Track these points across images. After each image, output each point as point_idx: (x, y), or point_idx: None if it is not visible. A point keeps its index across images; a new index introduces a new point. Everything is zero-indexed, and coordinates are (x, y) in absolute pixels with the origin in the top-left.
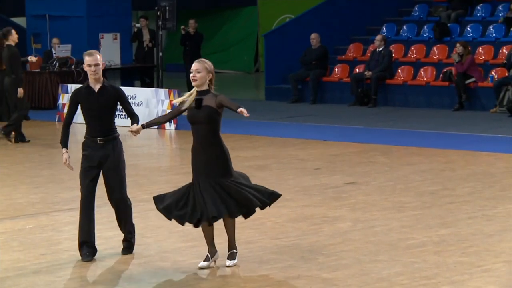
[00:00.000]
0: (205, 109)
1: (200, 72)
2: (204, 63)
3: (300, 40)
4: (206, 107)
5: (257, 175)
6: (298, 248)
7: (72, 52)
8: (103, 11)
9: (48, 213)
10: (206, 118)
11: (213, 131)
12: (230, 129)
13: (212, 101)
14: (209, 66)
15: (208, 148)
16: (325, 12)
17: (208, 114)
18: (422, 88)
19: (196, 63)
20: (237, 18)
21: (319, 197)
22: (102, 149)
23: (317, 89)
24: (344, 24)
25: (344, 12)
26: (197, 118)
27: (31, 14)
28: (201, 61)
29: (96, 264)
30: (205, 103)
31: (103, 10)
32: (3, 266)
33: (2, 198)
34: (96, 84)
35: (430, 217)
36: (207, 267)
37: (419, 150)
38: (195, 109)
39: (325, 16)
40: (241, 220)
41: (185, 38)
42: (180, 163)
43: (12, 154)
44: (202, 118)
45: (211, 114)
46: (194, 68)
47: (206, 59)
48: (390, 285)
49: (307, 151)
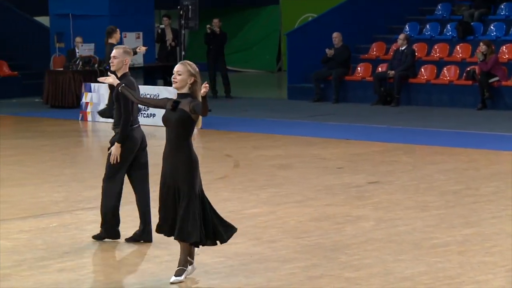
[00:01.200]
0: (178, 112)
1: (181, 74)
2: (187, 66)
3: (322, 39)
4: (180, 110)
5: (279, 174)
6: (321, 247)
7: (95, 51)
8: (125, 10)
9: (71, 212)
10: (178, 121)
11: (183, 136)
12: (253, 128)
13: (187, 106)
14: (193, 69)
15: (176, 152)
16: (347, 11)
17: (180, 117)
18: (445, 87)
19: (179, 65)
20: (259, 16)
21: (342, 196)
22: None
23: (340, 88)
24: (367, 23)
25: (366, 11)
26: (169, 121)
27: (54, 13)
28: (185, 63)
29: (121, 262)
30: (180, 106)
31: (126, 9)
32: (28, 264)
33: (26, 196)
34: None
35: (453, 217)
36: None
37: (442, 149)
38: (170, 111)
39: (348, 15)
40: (263, 219)
41: (209, 37)
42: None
43: (36, 153)
44: (174, 121)
45: (183, 118)
46: (176, 70)
47: (191, 62)
48: (413, 284)
49: (330, 150)
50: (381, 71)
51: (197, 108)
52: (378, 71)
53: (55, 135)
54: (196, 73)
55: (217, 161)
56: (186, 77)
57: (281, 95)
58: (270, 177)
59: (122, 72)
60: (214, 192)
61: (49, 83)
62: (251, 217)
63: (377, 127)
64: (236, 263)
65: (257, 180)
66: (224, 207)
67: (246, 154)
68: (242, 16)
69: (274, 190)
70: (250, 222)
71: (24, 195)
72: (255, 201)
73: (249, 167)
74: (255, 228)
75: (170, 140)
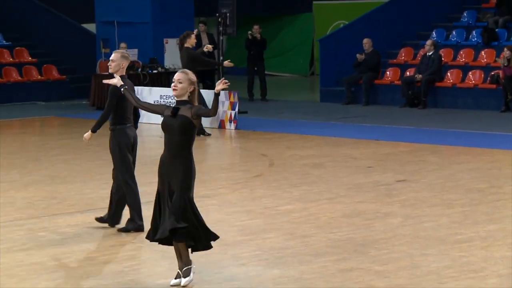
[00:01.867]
0: (179, 118)
1: (182, 83)
2: (188, 75)
3: (353, 45)
4: (181, 116)
5: (312, 173)
6: (352, 242)
7: (139, 56)
8: (167, 18)
9: None
10: (180, 127)
11: (184, 142)
12: (287, 129)
13: (188, 111)
14: (192, 78)
15: (176, 159)
16: (377, 18)
17: (181, 123)
18: (470, 90)
19: (179, 73)
20: (294, 24)
21: (372, 194)
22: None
23: (370, 91)
24: (396, 29)
25: (395, 17)
26: (170, 127)
27: (100, 21)
28: (185, 72)
29: (163, 254)
30: (181, 113)
31: (167, 17)
32: (75, 256)
33: (74, 193)
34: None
35: (477, 214)
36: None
37: (467, 150)
38: (170, 117)
39: (377, 22)
40: (297, 215)
41: (250, 43)
42: (240, 161)
43: (83, 153)
44: (175, 127)
45: (185, 123)
46: (176, 78)
47: (191, 71)
48: (439, 278)
49: (360, 150)
50: (409, 75)
51: (200, 111)
52: (406, 75)
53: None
54: (195, 82)
55: (253, 160)
56: (187, 85)
57: (314, 98)
58: (303, 176)
59: (119, 75)
60: (250, 189)
61: (95, 86)
62: (285, 213)
63: (405, 129)
64: (271, 256)
65: (291, 178)
66: (260, 203)
67: (281, 154)
68: (278, 23)
69: (307, 187)
70: (284, 218)
71: (72, 192)
72: (289, 198)
73: (284, 166)
74: (289, 224)
75: (170, 147)
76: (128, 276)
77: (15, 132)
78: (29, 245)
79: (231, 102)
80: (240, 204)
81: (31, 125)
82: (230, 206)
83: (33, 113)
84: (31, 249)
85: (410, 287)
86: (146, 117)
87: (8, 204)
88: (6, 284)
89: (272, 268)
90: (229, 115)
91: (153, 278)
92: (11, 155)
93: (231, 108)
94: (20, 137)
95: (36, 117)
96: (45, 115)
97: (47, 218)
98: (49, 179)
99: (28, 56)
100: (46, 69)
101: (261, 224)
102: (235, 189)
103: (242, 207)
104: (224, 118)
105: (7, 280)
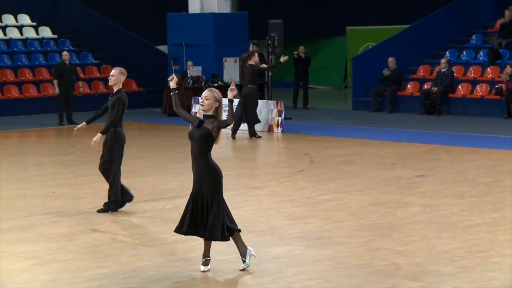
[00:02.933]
0: (202, 129)
1: (208, 99)
2: (214, 93)
3: (380, 62)
4: (203, 128)
5: (345, 169)
6: (378, 226)
7: (202, 72)
8: (226, 40)
9: (183, 197)
10: (200, 137)
11: (204, 150)
12: (325, 132)
13: (210, 124)
14: (218, 95)
15: (200, 164)
16: (400, 41)
17: (202, 134)
18: (478, 100)
19: (207, 91)
20: (330, 45)
21: (394, 186)
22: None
23: (393, 101)
24: (416, 50)
25: (415, 40)
26: (193, 137)
27: (171, 43)
28: (212, 90)
29: None
30: (204, 125)
31: (226, 39)
32: (150, 237)
33: (149, 184)
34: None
35: (484, 203)
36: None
37: (475, 150)
38: (195, 128)
39: (400, 44)
40: (332, 204)
41: (296, 61)
42: (285, 159)
43: (155, 151)
44: (197, 136)
45: (205, 134)
46: (204, 96)
47: (217, 89)
48: (451, 257)
49: (385, 150)
50: (426, 88)
51: (220, 124)
52: (424, 88)
53: (170, 137)
54: (220, 99)
55: (297, 158)
56: (212, 102)
57: (347, 106)
58: (338, 171)
59: (117, 88)
60: (294, 182)
61: (166, 97)
62: (323, 202)
63: (423, 132)
64: (311, 238)
65: (327, 173)
66: (302, 194)
67: (319, 153)
68: (317, 44)
69: (340, 181)
70: (322, 206)
71: (147, 184)
72: (326, 189)
73: (322, 163)
74: (326, 211)
75: (193, 152)
76: (193, 253)
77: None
78: (112, 227)
79: (278, 110)
80: (286, 194)
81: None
82: (277, 196)
83: None
84: (114, 231)
85: (427, 264)
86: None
87: (95, 193)
88: (94, 258)
89: (312, 248)
90: (277, 121)
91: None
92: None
93: (278, 115)
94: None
95: None
96: (125, 120)
97: (127, 205)
98: (129, 172)
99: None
100: (127, 83)
101: (303, 211)
102: (281, 182)
103: (287, 197)
104: (272, 123)
105: (94, 256)
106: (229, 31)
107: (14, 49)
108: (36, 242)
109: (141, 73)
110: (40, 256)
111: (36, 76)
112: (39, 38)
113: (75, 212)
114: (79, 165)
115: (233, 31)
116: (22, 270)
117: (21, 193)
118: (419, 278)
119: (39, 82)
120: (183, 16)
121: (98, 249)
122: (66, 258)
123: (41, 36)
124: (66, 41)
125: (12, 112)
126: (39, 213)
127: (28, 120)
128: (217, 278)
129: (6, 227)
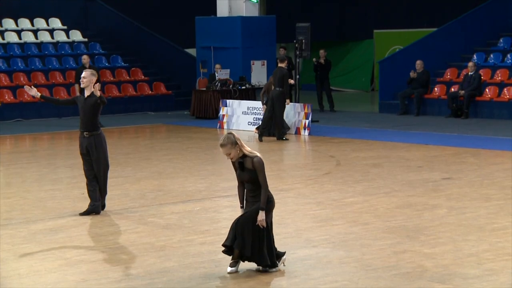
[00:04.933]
0: (247, 172)
1: (229, 154)
2: (225, 146)
3: (407, 65)
4: (248, 170)
5: (372, 171)
6: (405, 229)
7: (230, 75)
8: (253, 44)
9: (211, 199)
10: (250, 179)
11: (256, 186)
12: (351, 135)
13: (250, 164)
14: (232, 142)
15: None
16: (427, 43)
17: (251, 177)
18: (505, 103)
19: (221, 148)
20: (358, 48)
21: (421, 189)
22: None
23: (420, 104)
24: (443, 53)
25: (442, 43)
26: (243, 178)
27: (200, 46)
28: (223, 145)
29: None
30: (246, 166)
31: (254, 43)
32: (177, 238)
33: (177, 186)
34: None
35: (511, 206)
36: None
37: (502, 153)
38: (240, 171)
39: (428, 47)
40: (359, 206)
41: (316, 67)
42: (312, 161)
43: (184, 153)
44: (247, 179)
45: (253, 176)
46: (224, 153)
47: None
48: (478, 259)
49: (412, 153)
50: (453, 91)
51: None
52: (451, 91)
53: (199, 140)
54: (233, 143)
55: (323, 161)
56: (234, 151)
57: (374, 109)
58: (364, 173)
59: (89, 91)
60: (320, 184)
61: (195, 100)
62: (349, 204)
63: (450, 135)
64: (337, 240)
65: (354, 176)
66: (328, 196)
67: (346, 155)
68: (345, 47)
69: (367, 183)
70: (349, 208)
71: (175, 185)
72: (352, 192)
73: (348, 165)
74: (352, 213)
75: (247, 191)
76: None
77: (130, 137)
78: (140, 228)
79: (305, 113)
80: (312, 196)
81: (143, 131)
82: (304, 198)
83: (144, 121)
84: (141, 232)
85: (454, 267)
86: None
87: (124, 195)
88: (122, 259)
89: (338, 250)
90: (304, 123)
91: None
92: (126, 155)
93: (306, 118)
94: (134, 141)
95: (147, 124)
96: (154, 123)
97: (155, 207)
98: (157, 174)
99: (141, 75)
100: (156, 86)
101: (329, 213)
102: (308, 184)
103: (314, 199)
104: (299, 125)
105: (121, 257)
106: (257, 34)
107: (45, 52)
108: (65, 243)
109: (169, 76)
110: (69, 257)
111: (67, 79)
112: (70, 41)
113: (103, 213)
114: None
115: (261, 35)
116: (51, 271)
117: (51, 194)
118: (446, 280)
119: (69, 84)
120: (212, 19)
121: (126, 250)
122: (94, 259)
123: (72, 39)
124: (96, 44)
125: (42, 114)
126: (69, 215)
127: (58, 123)
128: (245, 279)
129: (36, 228)
